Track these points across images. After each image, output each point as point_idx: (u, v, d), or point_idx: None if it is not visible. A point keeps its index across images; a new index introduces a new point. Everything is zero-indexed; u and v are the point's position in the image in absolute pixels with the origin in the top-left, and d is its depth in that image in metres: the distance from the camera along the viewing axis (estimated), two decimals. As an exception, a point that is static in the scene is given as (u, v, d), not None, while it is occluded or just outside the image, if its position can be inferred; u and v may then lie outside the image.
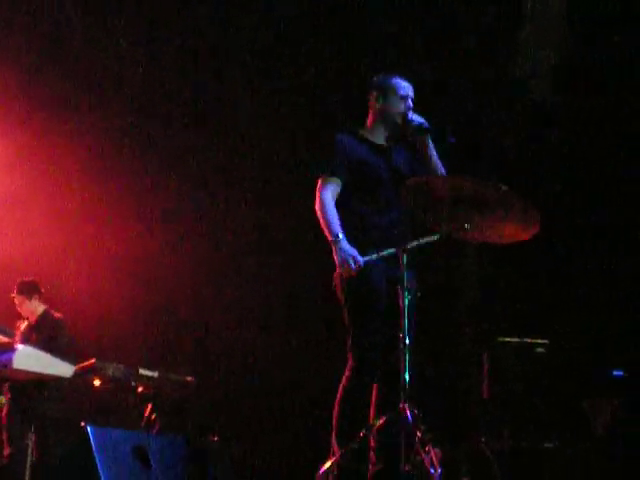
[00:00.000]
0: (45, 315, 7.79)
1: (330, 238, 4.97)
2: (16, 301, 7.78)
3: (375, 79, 5.37)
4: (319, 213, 5.07)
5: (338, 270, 4.98)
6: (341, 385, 4.98)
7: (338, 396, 4.98)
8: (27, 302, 7.76)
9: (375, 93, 5.30)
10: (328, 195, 5.08)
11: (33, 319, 7.77)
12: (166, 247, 8.73)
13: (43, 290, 7.86)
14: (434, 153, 5.21)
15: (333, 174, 5.12)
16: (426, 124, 5.12)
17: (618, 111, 7.21)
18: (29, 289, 7.79)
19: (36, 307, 7.78)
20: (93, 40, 8.63)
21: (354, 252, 4.89)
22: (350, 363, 4.98)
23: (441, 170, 5.21)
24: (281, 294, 8.36)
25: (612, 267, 7.11)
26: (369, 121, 5.32)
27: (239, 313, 8.49)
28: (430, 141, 5.18)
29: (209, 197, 8.79)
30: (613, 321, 7.02)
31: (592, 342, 6.81)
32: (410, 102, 5.24)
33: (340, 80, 8.10)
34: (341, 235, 4.93)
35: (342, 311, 5.07)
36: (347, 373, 4.98)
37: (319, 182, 5.14)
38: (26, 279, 7.85)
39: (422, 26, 7.76)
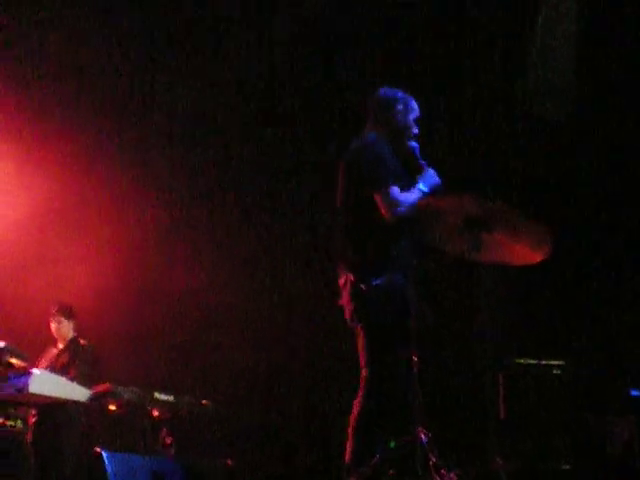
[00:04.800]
0: (73, 340, 7.96)
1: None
2: (55, 320, 7.96)
3: (397, 92, 5.21)
4: (409, 209, 4.82)
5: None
6: (366, 404, 4.84)
7: (356, 422, 4.88)
8: (65, 324, 7.97)
9: (400, 108, 5.16)
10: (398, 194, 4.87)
11: (63, 343, 7.90)
12: (187, 271, 8.73)
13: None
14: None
15: (393, 184, 4.89)
16: (423, 162, 5.06)
17: (628, 129, 7.19)
18: (70, 312, 8.00)
19: (70, 331, 7.96)
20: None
21: None
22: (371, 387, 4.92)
23: None
24: (301, 315, 8.32)
25: (628, 287, 7.07)
26: (383, 132, 5.13)
27: (259, 336, 8.47)
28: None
29: (223, 215, 8.79)
30: (629, 341, 6.98)
31: (609, 363, 6.76)
32: (417, 129, 5.16)
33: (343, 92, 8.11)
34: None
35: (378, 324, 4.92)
36: (366, 399, 4.91)
37: (381, 196, 4.86)
38: (67, 302, 8.03)
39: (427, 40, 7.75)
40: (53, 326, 7.99)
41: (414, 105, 5.20)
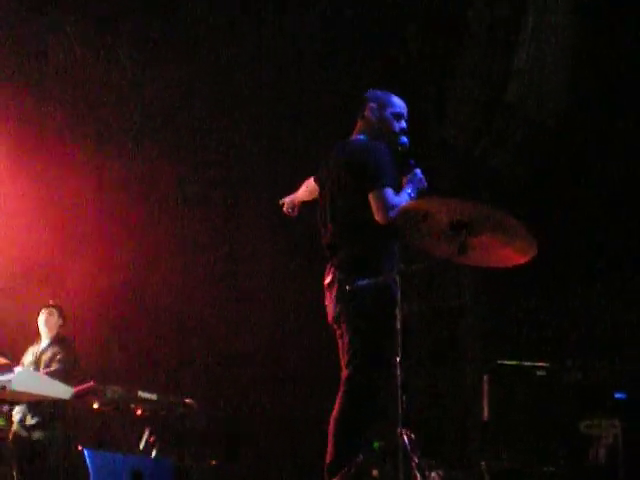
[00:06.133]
0: (57, 335, 7.96)
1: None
2: (47, 312, 7.96)
3: (372, 92, 5.24)
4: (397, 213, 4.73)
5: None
6: (347, 404, 4.83)
7: (337, 422, 4.87)
8: (56, 318, 7.99)
9: (373, 105, 5.18)
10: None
11: (48, 338, 7.94)
12: (170, 269, 8.72)
13: None
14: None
15: (388, 186, 4.88)
16: (411, 161, 5.03)
17: (616, 131, 7.21)
18: (61, 310, 8.03)
19: (56, 327, 7.97)
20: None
21: None
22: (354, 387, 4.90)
23: None
24: (288, 318, 8.32)
25: (611, 288, 7.09)
26: (368, 133, 5.15)
27: (241, 336, 8.47)
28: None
29: (216, 220, 8.78)
30: (615, 343, 6.99)
31: (593, 365, 6.77)
32: (404, 123, 5.17)
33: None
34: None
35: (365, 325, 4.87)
36: (349, 399, 4.88)
37: (376, 196, 4.83)
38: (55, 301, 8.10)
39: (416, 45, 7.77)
40: (42, 318, 7.96)
41: (395, 101, 5.21)
